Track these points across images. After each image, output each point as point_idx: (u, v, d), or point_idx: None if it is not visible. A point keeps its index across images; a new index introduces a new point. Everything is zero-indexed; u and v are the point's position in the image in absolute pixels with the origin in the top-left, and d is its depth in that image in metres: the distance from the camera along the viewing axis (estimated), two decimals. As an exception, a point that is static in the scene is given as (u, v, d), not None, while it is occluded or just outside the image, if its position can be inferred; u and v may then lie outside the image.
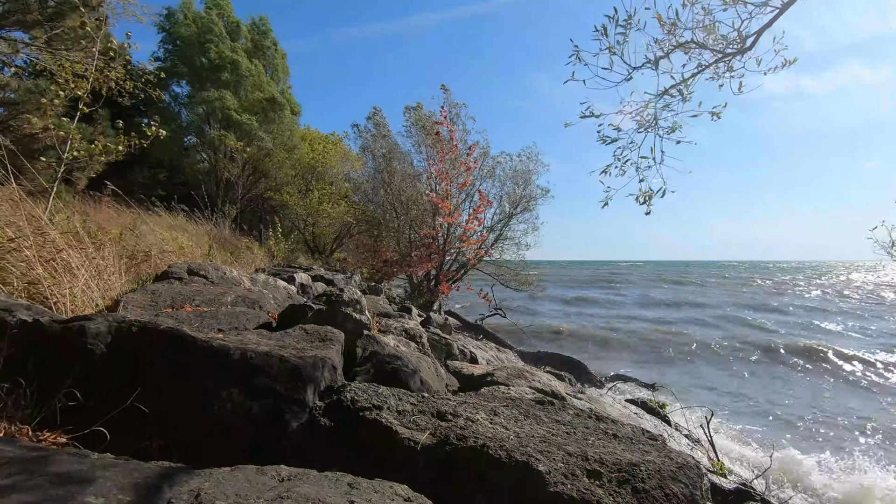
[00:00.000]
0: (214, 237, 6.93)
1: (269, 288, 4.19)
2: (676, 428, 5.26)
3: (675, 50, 2.81)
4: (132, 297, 2.69)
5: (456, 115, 10.71)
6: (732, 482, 3.40)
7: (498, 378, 3.11)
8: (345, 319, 2.67)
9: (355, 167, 13.71)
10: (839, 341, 12.30)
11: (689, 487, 1.42)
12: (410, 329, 3.64)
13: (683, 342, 12.00)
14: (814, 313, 18.15)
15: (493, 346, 6.84)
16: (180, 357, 1.64)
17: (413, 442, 1.53)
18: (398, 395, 1.87)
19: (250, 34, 15.48)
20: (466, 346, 4.73)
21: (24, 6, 5.13)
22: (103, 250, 3.27)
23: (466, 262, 11.01)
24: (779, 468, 4.69)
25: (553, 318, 16.61)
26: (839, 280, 41.17)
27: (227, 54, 13.34)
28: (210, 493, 1.06)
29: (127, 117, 5.04)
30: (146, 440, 1.48)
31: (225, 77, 13.32)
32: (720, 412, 6.70)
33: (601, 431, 1.83)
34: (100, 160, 4.87)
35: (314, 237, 13.16)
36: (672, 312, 18.43)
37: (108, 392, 1.52)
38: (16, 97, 5.98)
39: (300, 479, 1.24)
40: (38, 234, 2.77)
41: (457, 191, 10.45)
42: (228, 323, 2.48)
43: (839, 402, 7.77)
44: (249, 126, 13.06)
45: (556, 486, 1.32)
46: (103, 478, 1.07)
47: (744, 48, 2.73)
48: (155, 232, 5.16)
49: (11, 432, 1.36)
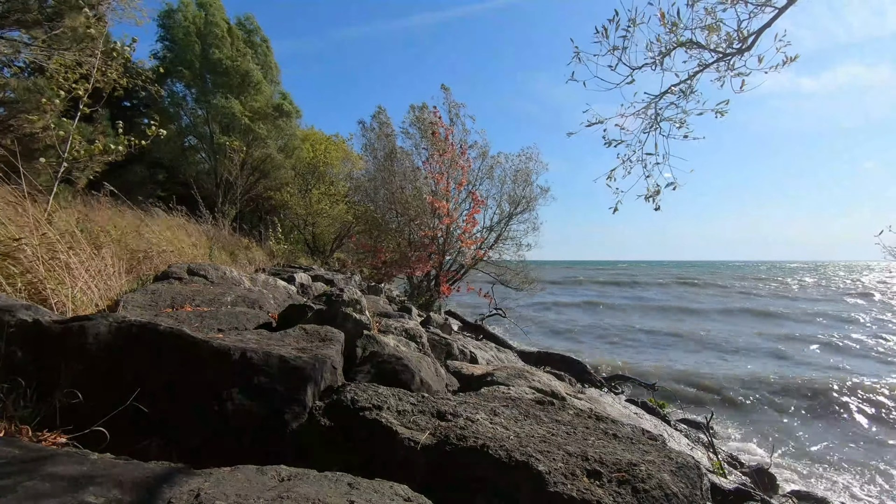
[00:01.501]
0: (214, 237, 6.94)
1: (269, 288, 4.19)
2: (676, 428, 5.26)
3: (676, 49, 2.82)
4: (132, 297, 2.69)
5: (456, 114, 10.73)
6: (732, 482, 3.40)
7: (498, 378, 3.11)
8: (345, 319, 2.67)
9: (356, 167, 13.73)
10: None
11: (689, 487, 1.42)
12: (410, 329, 3.64)
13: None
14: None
15: (493, 346, 6.84)
16: (180, 357, 1.64)
17: (413, 442, 1.53)
18: (398, 395, 1.87)
19: (239, 33, 15.48)
20: (466, 346, 4.73)
21: (24, 6, 5.12)
22: (103, 250, 3.27)
23: (466, 263, 11.02)
24: (779, 468, 4.68)
25: (552, 317, 16.62)
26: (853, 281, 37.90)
27: (237, 60, 13.32)
28: (210, 493, 1.06)
29: (128, 118, 5.04)
30: (146, 440, 1.48)
31: (230, 81, 13.33)
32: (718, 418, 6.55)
33: (601, 431, 1.83)
34: (100, 160, 4.87)
35: (314, 237, 13.17)
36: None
37: (108, 392, 1.52)
38: (15, 96, 5.98)
39: (300, 479, 1.24)
40: (38, 235, 2.77)
41: (455, 191, 10.46)
42: (228, 323, 2.48)
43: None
44: (259, 133, 13.09)
45: (556, 487, 1.32)
46: (103, 478, 1.07)
47: (744, 47, 2.73)
48: (155, 232, 5.16)
49: (11, 432, 1.36)
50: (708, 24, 2.69)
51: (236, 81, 13.51)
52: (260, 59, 15.71)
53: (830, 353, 11.55)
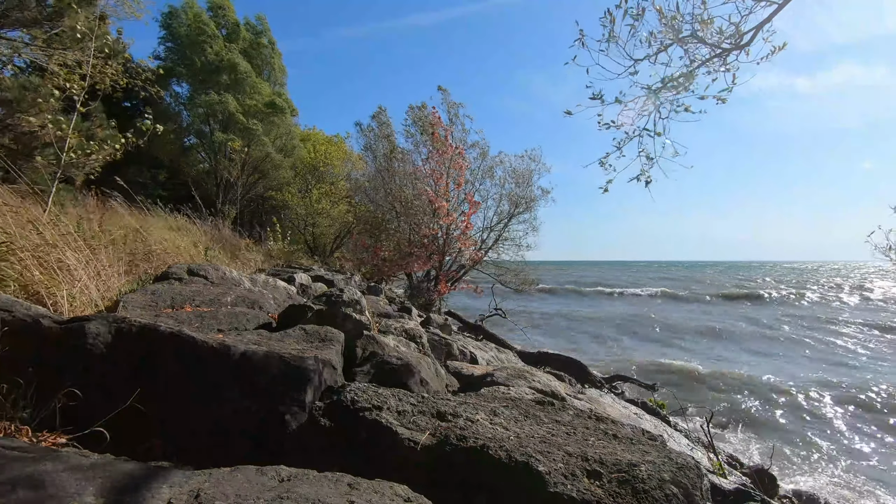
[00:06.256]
0: (214, 237, 6.93)
1: (268, 288, 4.19)
2: (676, 428, 5.26)
3: (672, 44, 2.82)
4: (132, 297, 2.69)
5: (454, 114, 10.73)
6: (732, 482, 3.40)
7: (498, 378, 3.11)
8: (345, 320, 2.67)
9: (357, 167, 13.73)
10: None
11: (689, 488, 1.42)
12: (410, 329, 3.64)
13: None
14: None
15: (492, 347, 6.83)
16: (180, 357, 1.64)
17: (413, 442, 1.53)
18: (398, 395, 1.87)
19: (247, 34, 15.50)
20: (466, 346, 4.73)
21: (23, 4, 5.11)
22: (102, 251, 3.26)
23: (465, 263, 11.01)
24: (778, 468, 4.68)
25: (553, 317, 16.61)
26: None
27: (224, 55, 13.34)
28: (210, 494, 1.06)
29: (127, 118, 5.02)
30: (146, 440, 1.48)
31: (223, 79, 13.33)
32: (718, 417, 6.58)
33: (601, 432, 1.83)
34: (97, 159, 4.85)
35: (314, 237, 13.17)
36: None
37: (108, 392, 1.52)
38: (11, 95, 5.96)
39: (300, 479, 1.23)
40: (36, 235, 2.77)
41: (455, 191, 10.46)
42: (228, 323, 2.47)
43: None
44: (255, 130, 13.07)
45: (556, 487, 1.32)
46: (103, 478, 1.06)
47: (741, 44, 2.73)
48: (155, 232, 5.15)
49: (11, 432, 1.36)
50: (703, 20, 2.69)
51: (231, 79, 13.50)
52: (265, 61, 15.72)
53: (829, 353, 11.55)
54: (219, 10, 14.26)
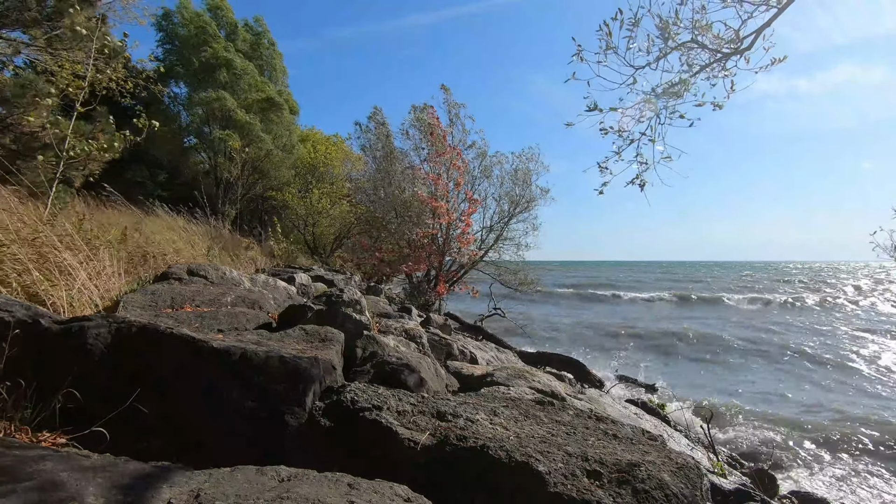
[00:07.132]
0: (214, 238, 6.93)
1: (268, 288, 4.19)
2: (676, 428, 5.26)
3: (672, 51, 2.81)
4: (132, 297, 2.69)
5: (455, 115, 10.71)
6: (733, 482, 3.40)
7: (498, 378, 3.11)
8: (345, 320, 2.67)
9: (356, 167, 13.72)
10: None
11: (689, 488, 1.42)
12: (410, 329, 3.64)
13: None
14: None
15: (492, 347, 6.83)
16: (180, 358, 1.64)
17: (413, 442, 1.53)
18: (398, 395, 1.87)
19: (247, 35, 15.50)
20: (466, 346, 4.72)
21: (23, 4, 5.11)
22: (102, 251, 3.26)
23: (465, 263, 11.01)
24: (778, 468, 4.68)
25: (553, 317, 16.60)
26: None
27: (221, 54, 13.33)
28: (210, 494, 1.06)
29: (127, 117, 5.00)
30: (146, 440, 1.48)
31: (221, 77, 13.32)
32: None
33: (601, 432, 1.83)
34: (98, 159, 4.85)
35: (314, 237, 13.16)
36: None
37: (108, 392, 1.52)
38: (10, 95, 5.95)
39: (300, 479, 1.23)
40: (35, 236, 2.77)
41: (454, 191, 10.45)
42: (228, 323, 2.47)
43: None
44: (252, 126, 13.06)
45: (556, 487, 1.32)
46: (103, 478, 1.06)
47: (742, 48, 2.73)
48: (155, 232, 5.15)
49: (11, 433, 1.36)
50: (701, 25, 2.69)
51: (229, 76, 13.48)
52: (266, 62, 15.72)
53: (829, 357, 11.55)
54: (217, 12, 14.27)
